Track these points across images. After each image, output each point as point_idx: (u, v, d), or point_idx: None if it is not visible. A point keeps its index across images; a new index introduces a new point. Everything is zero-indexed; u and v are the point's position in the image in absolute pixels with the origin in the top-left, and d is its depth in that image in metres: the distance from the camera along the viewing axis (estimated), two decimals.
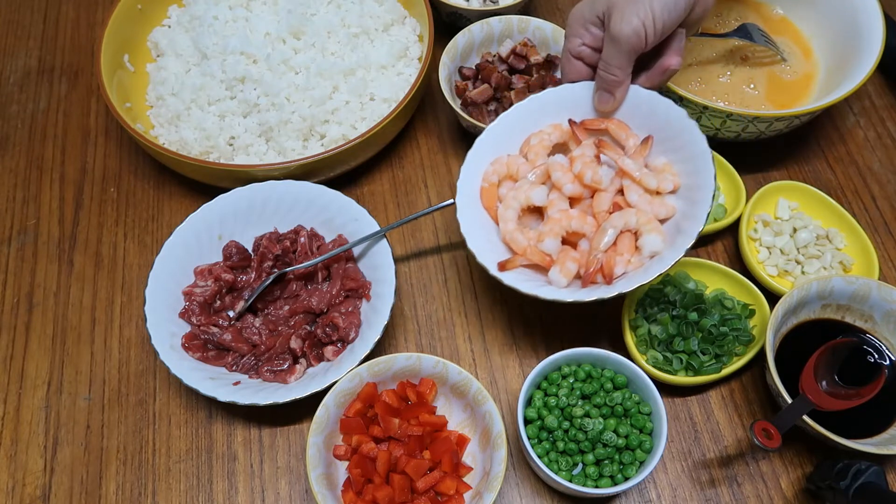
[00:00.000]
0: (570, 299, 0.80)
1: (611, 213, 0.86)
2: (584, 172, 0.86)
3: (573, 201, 0.89)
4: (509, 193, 0.89)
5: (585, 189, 0.87)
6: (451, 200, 0.90)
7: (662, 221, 0.85)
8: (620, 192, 0.87)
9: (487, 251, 0.86)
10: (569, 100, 0.92)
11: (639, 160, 0.87)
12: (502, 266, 0.84)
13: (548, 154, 0.92)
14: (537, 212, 0.91)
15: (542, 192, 0.88)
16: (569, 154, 0.91)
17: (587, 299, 0.80)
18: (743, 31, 1.10)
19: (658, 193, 0.86)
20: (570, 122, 0.91)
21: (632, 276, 0.82)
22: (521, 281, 0.83)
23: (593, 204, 0.87)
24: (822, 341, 0.82)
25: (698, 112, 0.97)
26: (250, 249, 0.96)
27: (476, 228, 0.88)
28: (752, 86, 1.09)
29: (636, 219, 0.84)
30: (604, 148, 0.88)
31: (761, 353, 0.86)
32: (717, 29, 1.16)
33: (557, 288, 0.83)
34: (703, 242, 1.02)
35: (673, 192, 0.86)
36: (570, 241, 0.88)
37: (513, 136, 0.93)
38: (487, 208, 0.91)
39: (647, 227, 0.83)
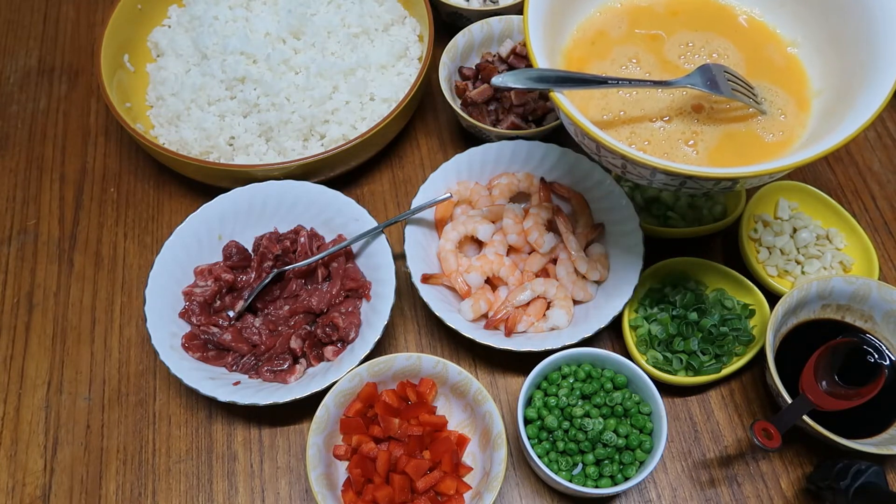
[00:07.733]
0: (467, 334, 0.85)
1: (536, 276, 0.92)
2: (530, 231, 0.92)
3: (511, 249, 0.95)
4: (460, 217, 0.96)
5: (526, 244, 0.93)
6: (448, 195, 0.93)
7: (577, 302, 0.92)
8: (554, 261, 0.93)
9: (420, 259, 0.91)
10: (552, 158, 0.98)
11: (582, 241, 0.93)
12: (425, 278, 0.90)
13: (510, 197, 0.98)
14: (477, 242, 0.97)
15: (488, 230, 0.94)
16: (526, 206, 0.96)
17: (480, 340, 0.85)
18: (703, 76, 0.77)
19: (584, 278, 0.92)
20: (542, 180, 0.97)
21: (529, 339, 0.87)
22: (436, 299, 0.89)
23: (527, 261, 0.93)
24: (822, 341, 0.83)
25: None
26: (250, 249, 0.96)
27: (418, 234, 0.94)
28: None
29: (555, 291, 0.90)
30: (559, 217, 0.93)
31: (761, 353, 0.86)
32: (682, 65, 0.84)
33: (463, 319, 0.89)
34: (703, 242, 1.02)
35: (598, 281, 0.92)
36: (492, 282, 0.94)
37: (486, 167, 0.99)
38: (437, 220, 0.96)
39: (561, 302, 0.90)
